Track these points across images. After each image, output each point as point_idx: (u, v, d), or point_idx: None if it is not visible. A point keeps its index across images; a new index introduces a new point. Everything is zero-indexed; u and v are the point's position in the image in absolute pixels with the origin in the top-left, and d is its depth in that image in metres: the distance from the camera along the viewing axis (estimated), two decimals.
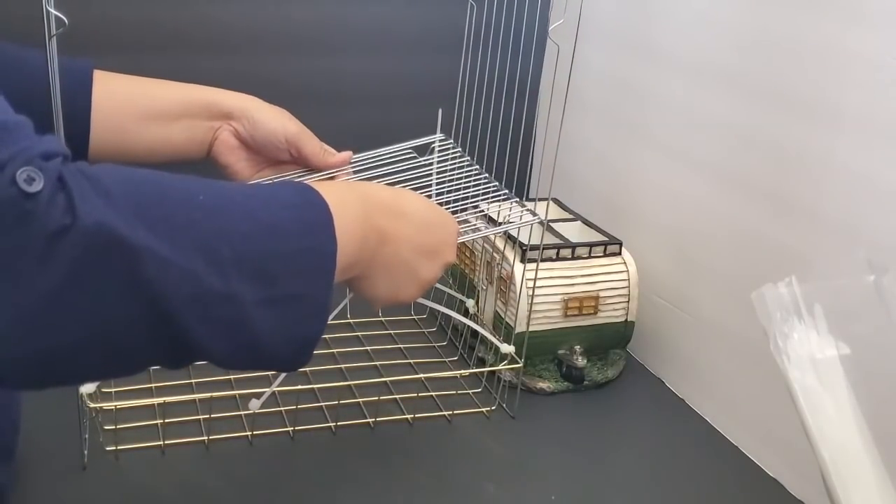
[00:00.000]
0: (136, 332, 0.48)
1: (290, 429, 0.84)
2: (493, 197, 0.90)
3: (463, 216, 0.86)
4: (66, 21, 0.54)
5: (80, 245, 0.44)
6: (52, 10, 0.54)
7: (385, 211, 0.65)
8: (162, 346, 0.49)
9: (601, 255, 0.96)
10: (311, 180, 0.79)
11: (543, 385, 0.95)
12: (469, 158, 0.94)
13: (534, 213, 0.87)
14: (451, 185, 0.90)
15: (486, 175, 0.91)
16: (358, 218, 0.61)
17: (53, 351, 0.46)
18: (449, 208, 0.85)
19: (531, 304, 0.89)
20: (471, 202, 0.88)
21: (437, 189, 0.89)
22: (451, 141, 0.97)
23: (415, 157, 0.90)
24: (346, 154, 0.84)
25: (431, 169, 0.91)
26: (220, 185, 0.54)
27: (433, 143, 0.95)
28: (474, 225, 0.89)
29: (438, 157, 0.93)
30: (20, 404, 0.71)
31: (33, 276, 0.44)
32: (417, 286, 0.69)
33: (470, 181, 0.91)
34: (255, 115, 0.81)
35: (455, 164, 0.93)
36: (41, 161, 0.44)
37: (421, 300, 0.87)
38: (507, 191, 0.90)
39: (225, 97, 0.81)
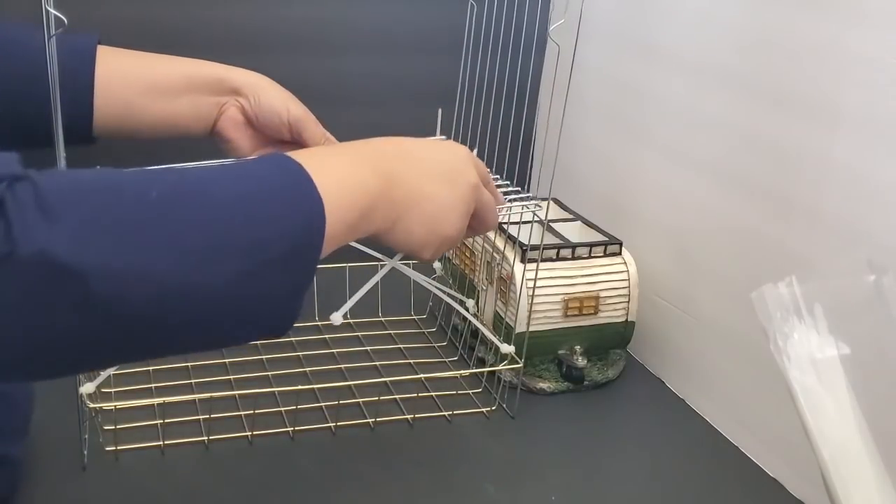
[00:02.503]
0: (101, 343, 0.47)
1: (290, 429, 0.84)
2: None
3: None
4: (66, 21, 0.54)
5: (20, 275, 0.43)
6: (52, 10, 0.54)
7: (383, 156, 0.63)
8: (137, 348, 0.49)
9: (601, 255, 0.96)
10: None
11: (543, 385, 0.95)
12: None
13: (537, 207, 0.86)
14: None
15: (489, 170, 0.91)
16: (354, 166, 0.59)
17: (14, 364, 0.46)
18: None
19: (531, 304, 0.89)
20: None
21: None
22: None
23: None
24: None
25: None
26: (178, 175, 0.52)
27: None
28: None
29: None
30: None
31: None
32: (454, 215, 0.65)
33: None
34: (260, 92, 0.81)
35: None
36: None
37: (427, 283, 0.86)
38: (507, 182, 0.90)
39: (234, 73, 0.81)
